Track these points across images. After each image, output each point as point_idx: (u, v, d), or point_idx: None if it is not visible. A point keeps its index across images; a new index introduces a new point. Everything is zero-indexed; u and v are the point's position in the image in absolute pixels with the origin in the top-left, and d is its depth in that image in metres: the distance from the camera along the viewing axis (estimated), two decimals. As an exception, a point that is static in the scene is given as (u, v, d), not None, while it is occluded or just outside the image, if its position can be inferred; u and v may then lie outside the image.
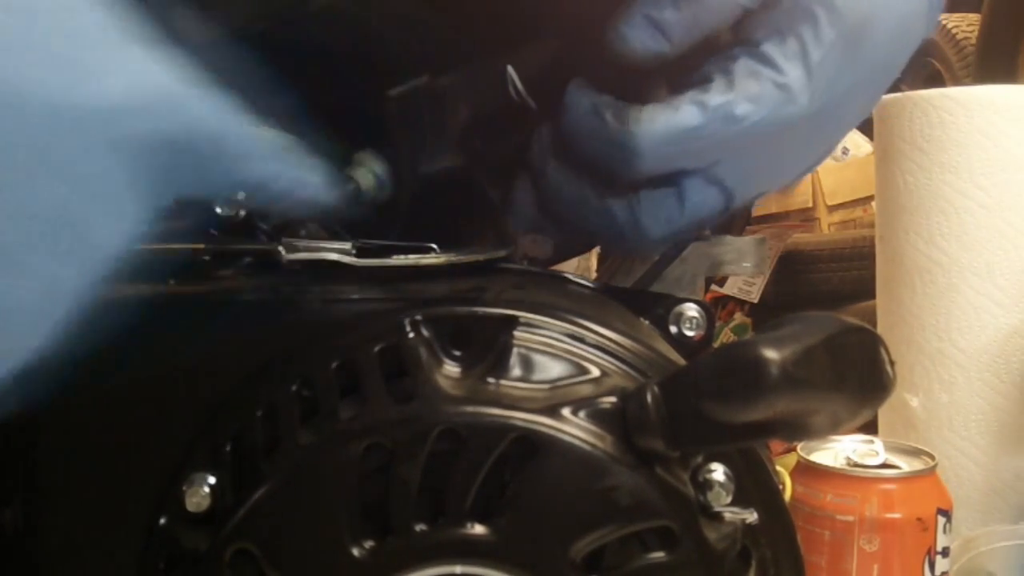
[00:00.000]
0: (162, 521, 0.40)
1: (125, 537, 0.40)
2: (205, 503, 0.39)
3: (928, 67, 2.79)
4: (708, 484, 0.39)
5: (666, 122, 0.45)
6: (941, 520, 0.68)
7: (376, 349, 0.40)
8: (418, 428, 0.37)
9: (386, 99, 0.51)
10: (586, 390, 0.39)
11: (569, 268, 0.62)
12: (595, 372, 0.40)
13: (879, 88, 0.51)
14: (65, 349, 0.31)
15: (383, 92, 0.51)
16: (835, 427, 0.36)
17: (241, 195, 0.47)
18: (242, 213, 0.47)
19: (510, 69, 0.51)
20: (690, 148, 0.45)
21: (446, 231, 0.49)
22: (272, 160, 0.36)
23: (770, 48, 0.45)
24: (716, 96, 0.45)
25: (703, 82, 0.45)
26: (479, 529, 0.37)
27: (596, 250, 1.00)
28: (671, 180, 0.47)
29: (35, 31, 0.27)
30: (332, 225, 0.54)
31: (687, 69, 0.47)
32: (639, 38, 0.45)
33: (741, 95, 0.44)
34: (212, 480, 0.39)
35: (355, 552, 0.37)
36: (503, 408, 0.37)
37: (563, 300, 0.44)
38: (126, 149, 0.29)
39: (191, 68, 0.32)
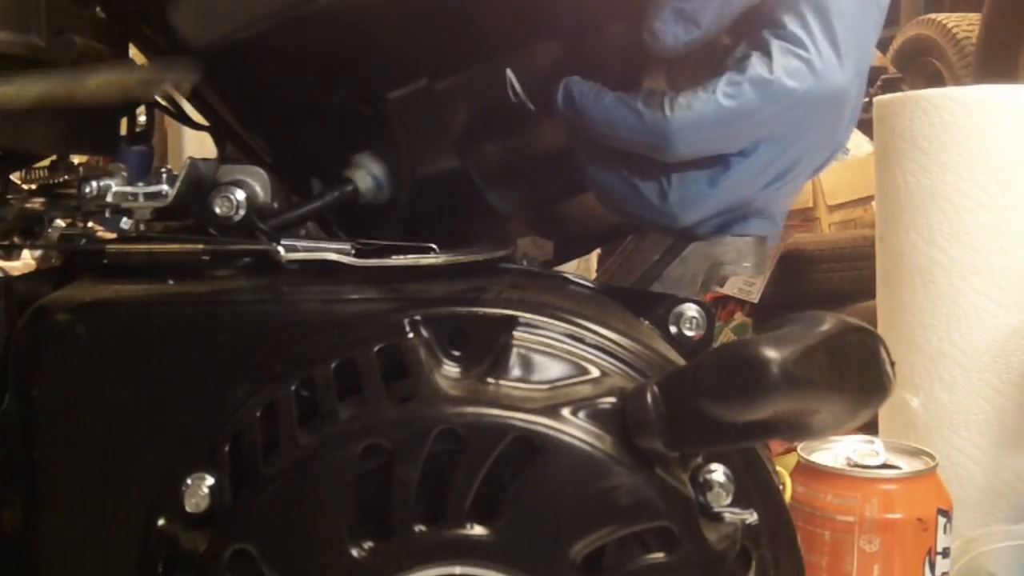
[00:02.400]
0: (161, 521, 0.40)
1: (124, 537, 0.40)
2: (204, 503, 0.39)
3: (928, 67, 2.79)
4: (708, 484, 0.39)
5: (704, 106, 0.45)
6: (941, 520, 0.67)
7: (375, 349, 0.40)
8: (417, 428, 0.37)
9: (386, 101, 0.51)
10: (586, 390, 0.39)
11: (569, 268, 0.62)
12: (595, 372, 0.40)
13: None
14: None
15: (383, 95, 0.51)
16: (835, 427, 0.36)
17: (240, 195, 0.47)
18: (241, 212, 0.46)
19: (509, 72, 0.51)
20: (729, 131, 0.46)
21: (446, 231, 0.49)
22: None
23: (794, 27, 0.45)
24: (755, 74, 0.45)
25: (737, 64, 0.46)
26: (479, 529, 0.37)
27: (596, 251, 1.00)
28: (704, 163, 0.48)
29: None
30: (331, 225, 0.54)
31: (716, 54, 0.47)
32: (671, 31, 0.46)
33: (781, 72, 0.45)
34: (211, 480, 0.39)
35: (354, 553, 0.37)
36: (503, 408, 0.37)
37: (563, 300, 0.44)
38: None
39: None
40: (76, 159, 0.62)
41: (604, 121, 0.48)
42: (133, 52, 0.58)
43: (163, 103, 0.59)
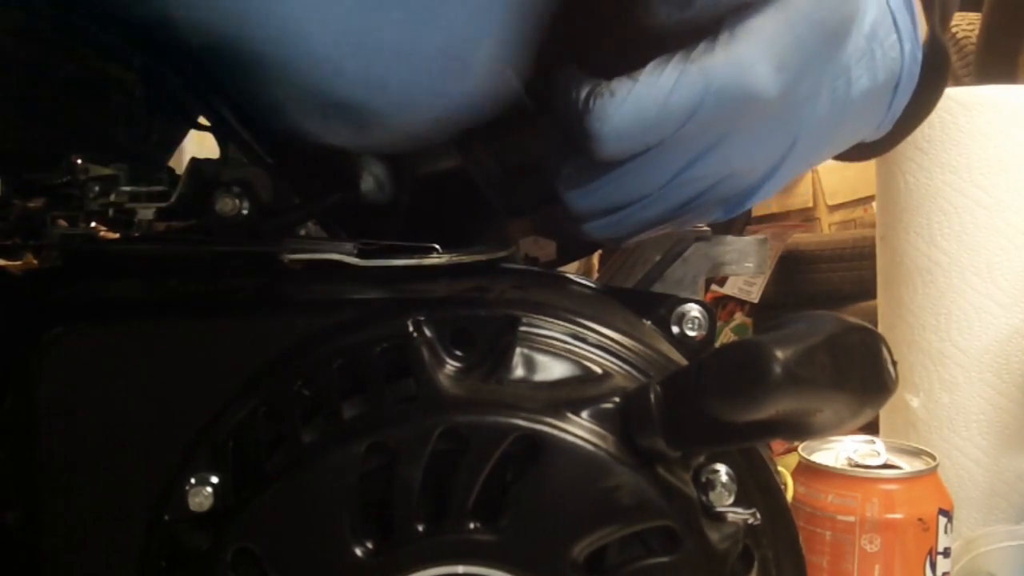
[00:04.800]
0: (164, 520, 0.40)
1: (127, 537, 0.40)
2: (207, 503, 0.39)
3: (928, 67, 2.78)
4: (710, 484, 0.39)
5: (625, 101, 0.43)
6: (942, 520, 0.67)
7: (378, 349, 0.40)
8: (420, 428, 0.37)
9: None
10: (588, 390, 0.39)
11: (571, 269, 0.62)
12: (597, 372, 0.40)
13: (859, 117, 0.49)
14: None
15: None
16: (837, 426, 0.36)
17: (242, 195, 0.47)
18: (244, 211, 0.46)
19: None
20: (649, 126, 0.43)
21: (448, 231, 0.49)
22: None
23: (738, 25, 0.43)
24: (673, 68, 0.43)
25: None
26: (481, 529, 0.37)
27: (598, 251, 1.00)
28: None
29: None
30: (333, 225, 0.54)
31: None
32: (664, 6, 0.43)
33: (700, 65, 0.42)
34: (214, 480, 0.39)
35: (357, 552, 0.37)
36: (505, 408, 0.37)
37: (565, 300, 0.44)
38: None
39: None
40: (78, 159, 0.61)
41: (562, 110, 0.46)
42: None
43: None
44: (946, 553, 0.68)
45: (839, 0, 0.44)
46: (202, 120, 0.63)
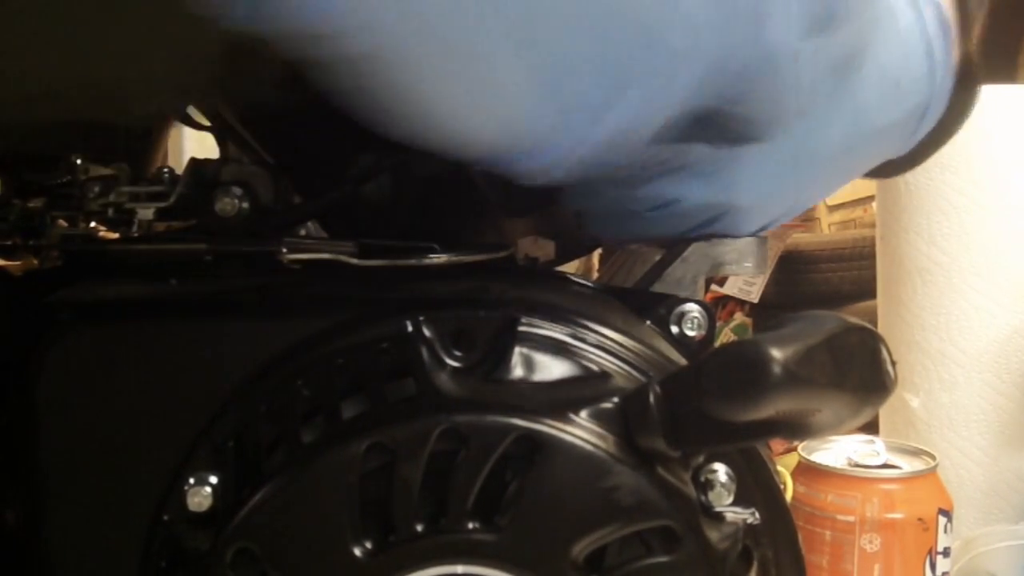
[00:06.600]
0: (164, 520, 0.40)
1: (127, 537, 0.40)
2: (207, 503, 0.39)
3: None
4: (710, 484, 0.39)
5: None
6: (942, 520, 0.68)
7: (378, 349, 0.40)
8: (419, 428, 0.37)
9: None
10: (588, 390, 0.39)
11: (571, 269, 0.62)
12: (597, 372, 0.40)
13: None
14: None
15: None
16: (837, 426, 0.36)
17: (242, 195, 0.47)
18: (243, 212, 0.47)
19: None
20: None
21: (447, 231, 0.49)
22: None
23: None
24: None
25: None
26: (481, 529, 0.37)
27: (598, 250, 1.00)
28: None
29: None
30: (333, 225, 0.54)
31: None
32: None
33: None
34: (214, 479, 0.39)
35: (357, 552, 0.37)
36: (504, 408, 0.37)
37: (564, 300, 0.44)
38: None
39: None
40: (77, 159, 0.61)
41: None
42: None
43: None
44: (946, 553, 0.68)
45: (845, 35, 0.43)
46: (201, 120, 0.63)
